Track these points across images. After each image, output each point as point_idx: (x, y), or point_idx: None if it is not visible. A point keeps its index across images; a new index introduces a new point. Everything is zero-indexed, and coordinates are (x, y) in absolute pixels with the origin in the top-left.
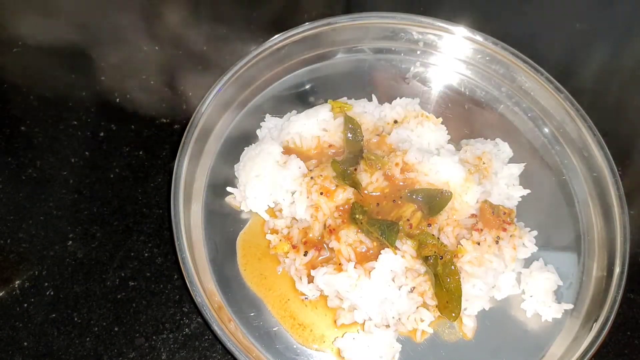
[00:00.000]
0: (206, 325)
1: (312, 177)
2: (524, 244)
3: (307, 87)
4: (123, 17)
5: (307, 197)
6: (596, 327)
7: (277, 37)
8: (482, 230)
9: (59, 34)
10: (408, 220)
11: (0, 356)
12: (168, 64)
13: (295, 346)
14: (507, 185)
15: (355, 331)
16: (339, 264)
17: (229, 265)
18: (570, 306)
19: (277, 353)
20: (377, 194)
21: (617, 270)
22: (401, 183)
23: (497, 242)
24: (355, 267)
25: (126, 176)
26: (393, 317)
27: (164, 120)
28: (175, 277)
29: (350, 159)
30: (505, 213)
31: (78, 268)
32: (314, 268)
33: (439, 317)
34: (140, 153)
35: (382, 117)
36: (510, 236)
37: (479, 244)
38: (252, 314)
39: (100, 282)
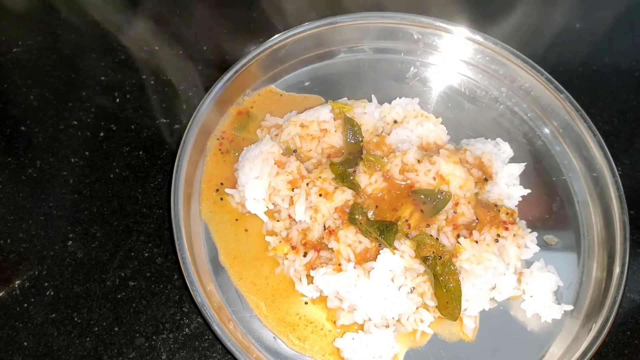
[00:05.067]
0: (206, 325)
1: (311, 179)
2: (525, 244)
3: (307, 87)
4: (123, 18)
5: (307, 199)
6: (596, 327)
7: (277, 37)
8: (482, 229)
9: (59, 34)
10: (407, 220)
11: (0, 356)
12: (168, 64)
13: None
14: (507, 185)
15: (355, 331)
16: (339, 265)
17: None
18: (570, 307)
19: (277, 353)
20: (378, 194)
21: (617, 270)
22: (402, 184)
23: (496, 241)
24: (354, 268)
25: (126, 176)
26: (393, 318)
27: (164, 120)
28: (175, 277)
29: (349, 160)
30: (507, 214)
31: (78, 268)
32: (313, 269)
33: (439, 317)
34: (140, 153)
35: (382, 117)
36: (514, 235)
37: (477, 242)
38: (252, 314)
39: (100, 282)
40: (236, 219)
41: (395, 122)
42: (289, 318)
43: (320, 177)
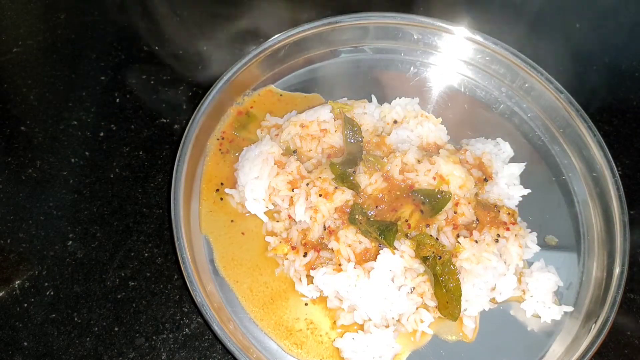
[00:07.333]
0: (206, 325)
1: (311, 179)
2: (526, 244)
3: (307, 87)
4: (123, 18)
5: (307, 199)
6: (596, 327)
7: (277, 37)
8: (482, 229)
9: (59, 34)
10: (407, 220)
11: (0, 356)
12: (168, 63)
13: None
14: (507, 185)
15: (355, 331)
16: (339, 265)
17: None
18: (570, 308)
19: (277, 353)
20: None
21: (617, 270)
22: (402, 184)
23: (496, 241)
24: (354, 268)
25: (126, 176)
26: (393, 318)
27: (164, 120)
28: (175, 277)
29: (349, 160)
30: (509, 214)
31: (78, 268)
32: (313, 269)
33: (439, 317)
34: (140, 153)
35: (382, 117)
36: (515, 236)
37: (477, 242)
38: (252, 314)
39: (100, 282)
40: (232, 220)
41: (395, 122)
42: (286, 322)
43: (320, 177)
